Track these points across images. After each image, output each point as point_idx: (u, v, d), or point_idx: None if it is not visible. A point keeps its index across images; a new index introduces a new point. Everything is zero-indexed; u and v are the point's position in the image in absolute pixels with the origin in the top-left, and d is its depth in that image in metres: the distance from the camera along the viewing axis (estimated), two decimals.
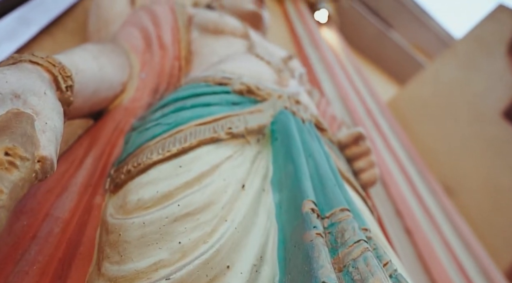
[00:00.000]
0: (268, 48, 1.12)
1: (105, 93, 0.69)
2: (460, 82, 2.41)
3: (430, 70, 2.73)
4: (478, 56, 2.35)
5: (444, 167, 2.41)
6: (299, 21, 2.82)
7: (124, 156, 0.62)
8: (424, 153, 2.48)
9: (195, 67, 0.94)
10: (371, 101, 2.30)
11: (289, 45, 2.55)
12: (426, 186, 1.81)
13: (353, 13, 3.75)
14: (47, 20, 1.08)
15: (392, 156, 1.85)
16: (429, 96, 2.64)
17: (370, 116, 2.06)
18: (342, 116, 1.96)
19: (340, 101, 2.06)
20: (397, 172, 1.77)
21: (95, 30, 1.00)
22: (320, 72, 2.28)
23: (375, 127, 2.00)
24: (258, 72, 0.85)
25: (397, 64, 4.14)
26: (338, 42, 3.05)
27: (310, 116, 0.80)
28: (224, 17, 1.06)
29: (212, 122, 0.64)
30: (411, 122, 2.73)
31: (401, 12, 4.31)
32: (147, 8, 1.03)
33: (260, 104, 0.74)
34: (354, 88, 2.30)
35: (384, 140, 1.96)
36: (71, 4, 1.18)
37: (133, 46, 0.87)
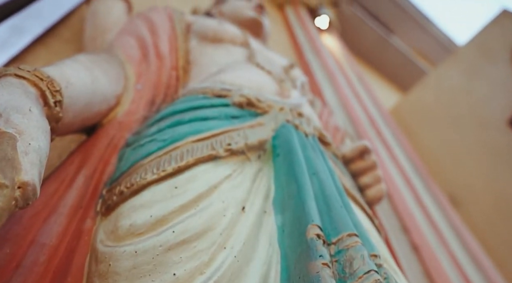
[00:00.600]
0: (268, 57, 1.09)
1: (98, 107, 0.66)
2: (463, 89, 2.39)
3: (433, 77, 2.70)
4: (482, 63, 2.32)
5: (448, 176, 2.37)
6: (300, 28, 2.81)
7: (117, 175, 0.59)
8: (428, 161, 2.44)
9: (193, 77, 0.92)
10: (374, 110, 2.27)
11: (289, 52, 2.53)
12: (432, 198, 1.77)
13: (353, 18, 3.74)
14: (41, 29, 1.05)
15: (396, 167, 1.81)
16: (432, 104, 2.61)
17: (373, 126, 2.03)
18: (345, 125, 1.93)
19: (342, 110, 2.03)
20: (402, 183, 1.74)
21: (90, 39, 0.97)
22: (322, 79, 2.25)
23: (379, 137, 1.97)
24: (259, 83, 0.82)
25: (398, 70, 4.13)
26: (339, 49, 3.03)
27: (313, 129, 0.77)
28: (223, 24, 1.04)
29: (210, 138, 0.61)
30: (414, 130, 2.70)
31: (402, 17, 4.31)
32: (144, 15, 1.00)
33: (260, 118, 0.71)
34: (356, 96, 2.27)
35: (388, 150, 1.93)
36: (67, 13, 1.16)
37: (129, 56, 0.84)
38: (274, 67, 0.99)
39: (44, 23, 1.07)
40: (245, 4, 1.34)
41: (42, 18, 1.08)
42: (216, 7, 1.44)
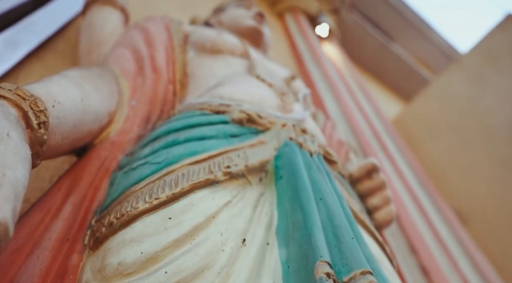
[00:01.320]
0: (269, 68, 1.05)
1: (89, 127, 0.62)
2: (468, 98, 2.34)
3: (436, 86, 2.66)
4: (487, 70, 2.28)
5: (455, 190, 2.30)
6: (300, 36, 2.78)
7: (107, 202, 0.54)
8: (433, 174, 2.39)
9: (191, 91, 0.88)
10: (377, 122, 2.23)
11: (290, 61, 2.50)
12: (440, 216, 1.72)
13: (354, 26, 3.72)
14: (36, 42, 1.02)
15: (402, 182, 1.77)
16: (437, 113, 2.57)
17: (377, 138, 1.99)
18: (347, 137, 1.89)
19: (344, 122, 1.99)
20: (408, 200, 1.69)
21: (86, 52, 0.93)
22: (323, 89, 2.21)
23: (383, 151, 1.93)
24: (259, 96, 0.78)
25: (400, 79, 4.09)
26: (340, 57, 3.00)
27: (318, 147, 0.73)
28: (222, 35, 1.00)
29: (207, 160, 0.57)
30: (417, 140, 2.65)
31: (403, 24, 4.29)
32: (140, 25, 0.97)
33: (262, 135, 0.67)
34: (358, 107, 2.23)
35: (392, 164, 1.88)
36: (62, 25, 1.12)
37: (124, 70, 0.80)
38: (275, 79, 0.95)
39: (39, 37, 1.04)
40: (245, 13, 1.31)
41: (37, 31, 1.04)
42: (215, 16, 1.41)
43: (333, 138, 1.20)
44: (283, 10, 3.04)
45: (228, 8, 1.38)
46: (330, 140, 1.19)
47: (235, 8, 1.34)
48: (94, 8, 1.00)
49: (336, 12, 3.26)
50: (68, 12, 1.14)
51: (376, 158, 1.83)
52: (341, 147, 1.21)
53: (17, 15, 1.07)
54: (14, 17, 1.05)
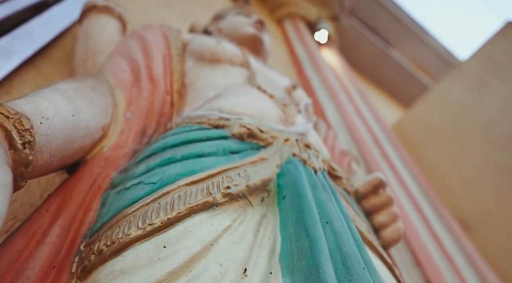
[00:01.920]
0: (270, 77, 1.01)
1: (80, 143, 0.58)
2: (470, 104, 2.30)
3: (436, 92, 2.62)
4: (488, 77, 2.25)
5: (458, 198, 2.26)
6: (299, 42, 2.74)
7: (98, 225, 0.50)
8: (433, 181, 2.34)
9: (189, 102, 0.83)
10: (378, 129, 2.19)
11: (289, 68, 2.47)
12: (444, 226, 1.68)
13: (352, 32, 3.70)
14: (31, 50, 0.98)
15: (404, 191, 1.73)
16: (437, 120, 2.53)
17: (378, 146, 1.95)
18: (348, 145, 1.85)
19: (345, 129, 1.95)
20: (411, 211, 1.65)
21: (81, 61, 0.89)
22: (323, 96, 2.18)
23: (384, 159, 1.89)
24: (261, 109, 0.74)
25: (398, 84, 4.07)
26: (339, 63, 2.97)
27: (323, 163, 0.69)
28: (221, 43, 0.96)
29: (206, 180, 0.53)
30: (417, 147, 2.61)
31: (400, 30, 4.27)
32: (138, 34, 0.93)
33: (263, 151, 0.63)
34: (359, 114, 2.19)
35: (394, 172, 1.84)
36: (59, 33, 1.09)
37: (120, 81, 0.76)
38: (276, 89, 0.91)
39: (34, 45, 1.00)
40: (245, 20, 1.27)
41: (32, 39, 1.00)
42: (214, 23, 1.37)
43: (335, 148, 1.16)
44: (282, 16, 3.01)
45: (228, 15, 1.34)
46: (333, 151, 1.15)
47: (235, 16, 1.30)
48: (91, 16, 0.97)
49: (336, 19, 3.23)
50: (65, 20, 1.10)
51: (378, 166, 1.79)
52: (344, 157, 1.17)
53: (13, 23, 1.03)
54: (10, 26, 1.01)
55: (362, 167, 1.65)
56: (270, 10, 3.05)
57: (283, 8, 3.00)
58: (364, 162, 1.79)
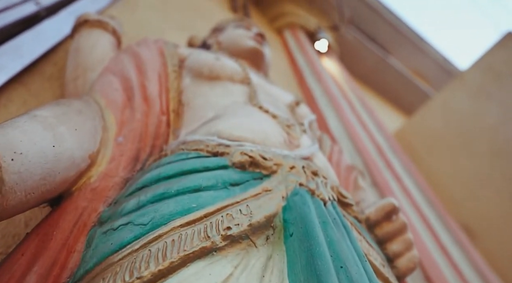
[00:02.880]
0: (272, 94, 0.95)
1: (63, 176, 0.51)
2: (472, 113, 2.24)
3: (437, 100, 2.57)
4: (489, 86, 2.19)
5: (461, 206, 2.20)
6: (299, 52, 2.69)
7: (81, 273, 0.43)
8: (437, 190, 2.28)
9: (186, 123, 0.77)
10: (381, 139, 2.12)
11: (290, 78, 2.41)
12: (451, 237, 1.60)
13: (352, 41, 3.65)
14: (20, 66, 0.91)
15: (410, 202, 1.66)
16: (439, 128, 2.47)
17: (382, 156, 1.88)
18: (352, 156, 1.78)
19: (348, 140, 1.88)
20: (417, 221, 1.57)
21: (71, 79, 0.83)
22: (325, 106, 2.11)
23: (388, 168, 1.82)
24: (263, 132, 0.67)
25: (398, 92, 4.01)
26: (340, 72, 2.91)
27: (331, 190, 0.62)
28: (220, 59, 0.89)
29: (203, 219, 0.46)
30: (420, 155, 2.54)
31: (398, 38, 4.22)
32: (132, 50, 0.86)
33: (267, 181, 0.56)
34: (362, 124, 2.13)
35: (398, 182, 1.77)
36: (51, 48, 1.02)
37: (111, 101, 0.70)
38: (279, 108, 0.84)
39: (23, 60, 0.93)
40: (245, 33, 1.21)
41: (22, 54, 0.94)
42: (213, 36, 1.31)
43: (341, 165, 1.10)
44: (281, 26, 2.96)
45: (227, 28, 1.28)
46: (338, 167, 1.08)
47: (235, 28, 1.24)
48: (83, 31, 0.90)
49: (335, 29, 3.18)
50: (57, 34, 1.04)
51: (382, 177, 1.72)
52: (350, 173, 1.10)
53: (1, 37, 0.97)
54: None
55: (367, 180, 1.58)
56: (270, 20, 3.00)
57: (283, 18, 2.95)
58: (368, 173, 1.72)
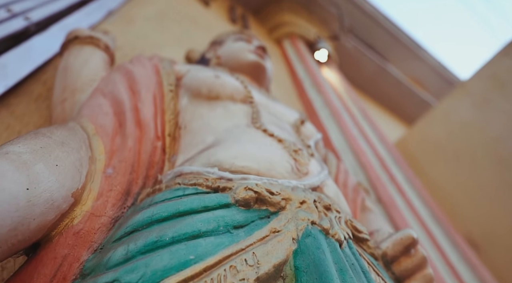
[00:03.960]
0: (275, 113, 0.88)
1: (39, 222, 0.43)
2: (475, 123, 2.17)
3: (440, 110, 2.50)
4: (493, 95, 2.12)
5: (465, 218, 2.12)
6: (299, 62, 2.63)
7: None
8: (440, 201, 2.20)
9: (183, 148, 0.69)
10: (384, 151, 2.05)
11: (290, 89, 2.34)
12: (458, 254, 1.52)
13: (351, 49, 3.59)
14: (3, 88, 0.84)
15: (415, 217, 1.58)
16: (441, 138, 2.40)
17: (385, 170, 1.81)
18: (354, 170, 1.71)
19: (350, 153, 1.81)
20: (423, 236, 1.50)
21: (58, 101, 0.75)
22: (326, 118, 2.04)
23: (392, 183, 1.74)
24: (269, 160, 0.60)
25: (397, 100, 3.95)
26: (340, 82, 2.84)
27: (346, 227, 0.54)
28: (220, 77, 0.82)
29: (203, 274, 0.38)
30: (422, 165, 2.47)
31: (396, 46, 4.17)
32: (124, 69, 0.79)
33: (275, 220, 0.49)
34: (363, 136, 2.06)
35: (403, 197, 1.69)
36: (39, 66, 0.95)
37: (100, 127, 0.62)
38: (284, 129, 0.77)
39: (8, 81, 0.86)
40: (245, 46, 1.14)
41: (6, 74, 0.86)
42: (212, 49, 1.24)
43: (348, 185, 1.02)
44: (281, 36, 2.90)
45: (227, 41, 1.21)
46: (346, 187, 1.01)
47: (234, 41, 1.17)
48: (73, 48, 0.83)
49: (335, 39, 3.13)
50: (46, 51, 0.97)
51: (387, 193, 1.64)
52: (357, 194, 1.02)
53: None
54: None
55: (372, 197, 1.50)
56: (269, 31, 2.94)
57: (282, 28, 2.90)
58: (372, 189, 1.65)
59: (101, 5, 1.38)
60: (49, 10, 1.14)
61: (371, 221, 0.94)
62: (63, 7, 1.21)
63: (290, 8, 2.92)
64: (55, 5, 1.17)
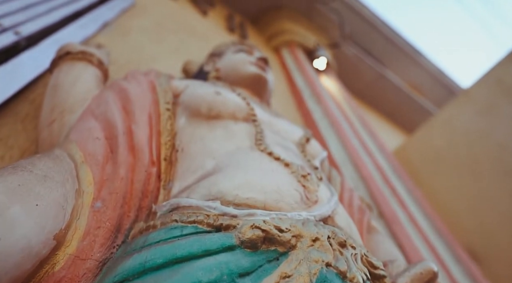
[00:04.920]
0: (279, 130, 0.81)
1: (13, 275, 0.37)
2: (479, 130, 2.11)
3: (440, 117, 2.44)
4: (498, 101, 2.06)
5: (467, 229, 2.06)
6: (298, 71, 2.57)
7: None
8: (441, 212, 2.14)
9: (181, 174, 0.63)
10: (385, 163, 1.99)
11: (288, 99, 2.28)
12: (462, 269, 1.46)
13: (350, 56, 3.55)
14: None
15: (418, 232, 1.52)
16: (442, 146, 2.34)
17: (387, 183, 1.74)
18: (355, 182, 1.64)
19: (351, 164, 1.74)
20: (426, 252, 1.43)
21: (46, 123, 0.69)
22: (325, 129, 1.98)
23: (394, 196, 1.68)
24: (276, 190, 0.53)
25: (395, 106, 3.90)
26: (339, 90, 2.79)
27: (362, 263, 0.48)
28: (221, 93, 0.76)
29: None
30: (422, 174, 2.41)
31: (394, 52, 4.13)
32: (118, 86, 0.73)
33: (285, 262, 0.42)
34: (364, 147, 2.00)
35: (405, 210, 1.63)
36: (27, 84, 0.88)
37: (90, 155, 0.56)
38: (289, 150, 0.71)
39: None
40: (245, 58, 1.08)
41: None
42: (211, 61, 1.18)
43: (353, 205, 0.96)
44: (279, 45, 2.84)
45: (227, 52, 1.15)
46: (351, 207, 0.95)
47: (235, 53, 1.11)
48: (64, 65, 0.77)
49: (336, 46, 3.08)
50: (36, 68, 0.90)
51: (388, 206, 1.58)
52: (363, 214, 0.96)
53: None
54: None
55: (374, 212, 1.44)
56: (267, 39, 2.89)
57: (281, 36, 2.84)
58: (373, 202, 1.58)
59: (96, 17, 1.32)
60: (41, 24, 1.07)
61: (379, 244, 0.88)
62: (57, 20, 1.14)
63: (289, 16, 2.88)
64: (48, 18, 1.11)
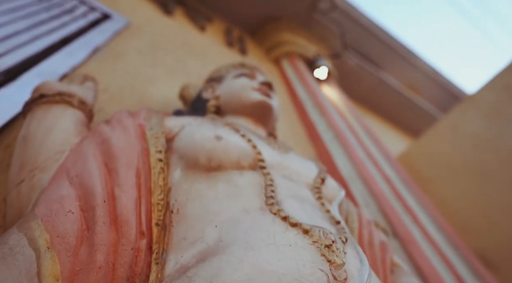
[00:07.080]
0: (291, 175, 0.67)
1: None
2: (487, 135, 1.98)
3: (446, 123, 2.30)
4: (506, 106, 1.93)
5: (478, 235, 1.92)
6: (299, 82, 2.43)
7: None
8: (450, 218, 2.01)
9: (176, 243, 0.49)
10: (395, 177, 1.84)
11: (290, 111, 2.15)
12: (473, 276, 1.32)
13: (350, 64, 3.41)
14: None
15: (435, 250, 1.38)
16: (448, 151, 2.20)
17: (399, 199, 1.60)
18: (365, 198, 1.50)
19: (359, 180, 1.60)
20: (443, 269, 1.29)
21: (14, 183, 0.55)
22: (329, 141, 1.84)
23: (407, 212, 1.54)
24: (296, 276, 0.39)
25: (397, 112, 3.76)
26: (341, 99, 2.65)
27: None
28: (222, 139, 0.62)
29: None
30: (428, 180, 2.27)
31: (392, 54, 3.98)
32: (100, 136, 0.59)
33: None
34: (371, 159, 1.85)
35: (419, 226, 1.49)
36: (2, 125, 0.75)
37: (58, 237, 0.42)
38: (306, 202, 0.56)
39: None
40: (248, 84, 0.94)
41: None
42: (209, 87, 1.04)
43: (374, 243, 0.82)
44: (279, 56, 2.71)
45: (226, 77, 1.02)
46: (372, 247, 0.81)
47: (236, 78, 0.98)
48: (38, 110, 0.63)
49: (337, 57, 2.94)
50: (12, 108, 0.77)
51: (402, 225, 1.44)
52: (385, 253, 0.83)
53: None
54: None
55: (389, 233, 1.30)
56: (267, 51, 2.75)
57: (281, 47, 2.70)
58: (387, 221, 1.44)
59: (86, 42, 1.18)
60: (23, 54, 0.94)
61: None
62: (40, 49, 1.01)
63: (288, 27, 2.74)
64: (30, 48, 0.97)
